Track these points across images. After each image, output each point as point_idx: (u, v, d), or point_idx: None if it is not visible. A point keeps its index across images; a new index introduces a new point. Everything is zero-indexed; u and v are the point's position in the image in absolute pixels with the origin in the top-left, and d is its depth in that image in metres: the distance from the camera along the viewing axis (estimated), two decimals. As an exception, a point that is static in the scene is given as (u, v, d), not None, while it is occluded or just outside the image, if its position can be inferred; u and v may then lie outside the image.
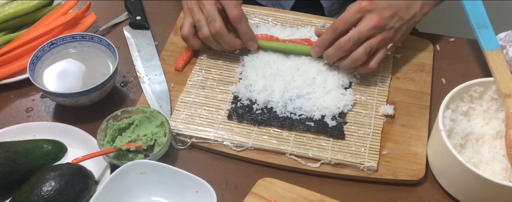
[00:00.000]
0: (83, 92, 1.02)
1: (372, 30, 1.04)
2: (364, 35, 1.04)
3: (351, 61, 1.06)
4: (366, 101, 1.09)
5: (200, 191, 0.92)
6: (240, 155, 1.02)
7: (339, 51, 1.06)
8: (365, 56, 1.06)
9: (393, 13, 1.06)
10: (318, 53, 1.10)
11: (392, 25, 1.07)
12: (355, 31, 1.04)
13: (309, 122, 1.04)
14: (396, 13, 1.07)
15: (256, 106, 1.07)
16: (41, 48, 1.08)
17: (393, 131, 1.05)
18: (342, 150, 1.02)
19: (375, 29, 1.04)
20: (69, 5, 1.21)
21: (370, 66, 1.08)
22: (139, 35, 1.22)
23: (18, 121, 1.07)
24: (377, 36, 1.05)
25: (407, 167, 1.00)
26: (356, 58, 1.06)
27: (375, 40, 1.05)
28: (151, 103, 1.08)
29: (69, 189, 0.91)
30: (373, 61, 1.08)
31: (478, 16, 1.12)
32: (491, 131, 0.99)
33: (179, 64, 1.14)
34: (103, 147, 0.99)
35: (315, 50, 1.10)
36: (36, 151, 0.98)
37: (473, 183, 0.92)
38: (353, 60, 1.06)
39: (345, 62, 1.07)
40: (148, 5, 1.28)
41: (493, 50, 1.06)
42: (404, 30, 1.10)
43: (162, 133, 1.01)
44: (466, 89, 1.01)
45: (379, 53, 1.08)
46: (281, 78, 1.10)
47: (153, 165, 0.95)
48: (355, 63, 1.07)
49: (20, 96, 1.12)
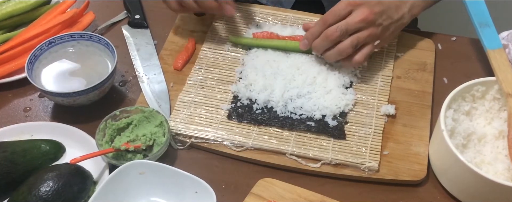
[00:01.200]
0: (81, 91, 1.02)
1: (360, 23, 1.05)
2: (352, 27, 1.05)
3: (336, 51, 1.06)
4: (367, 101, 1.09)
5: (199, 191, 0.92)
6: (240, 155, 1.02)
7: (326, 41, 1.06)
8: (351, 48, 1.06)
9: (382, 10, 1.07)
10: (307, 45, 1.10)
11: (381, 22, 1.07)
12: (344, 22, 1.05)
13: (310, 122, 1.04)
14: (386, 10, 1.07)
15: (256, 106, 1.06)
16: (39, 47, 1.08)
17: (395, 131, 1.05)
18: (343, 150, 1.02)
19: (364, 22, 1.05)
20: (67, 4, 1.21)
21: (355, 60, 1.07)
22: (138, 34, 1.21)
23: (16, 121, 1.07)
24: (365, 30, 1.06)
25: (408, 167, 1.00)
26: (342, 49, 1.06)
27: (363, 34, 1.06)
28: (150, 103, 1.08)
29: (67, 189, 0.91)
30: (358, 55, 1.07)
31: (480, 14, 1.12)
32: (494, 131, 0.99)
33: (178, 63, 1.14)
34: (102, 147, 0.99)
35: (304, 43, 1.10)
36: (34, 151, 0.98)
37: (475, 183, 0.92)
38: (338, 51, 1.06)
39: (331, 52, 1.07)
40: (147, 3, 1.28)
41: (495, 49, 1.06)
42: (392, 29, 1.10)
43: (161, 133, 1.00)
44: (468, 89, 1.01)
45: (365, 48, 1.07)
46: (281, 78, 1.09)
47: (152, 165, 0.94)
48: (340, 55, 1.07)
49: (18, 96, 1.12)
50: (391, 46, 1.17)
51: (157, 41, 1.20)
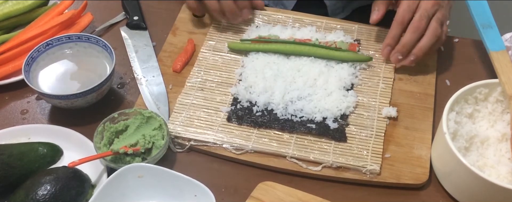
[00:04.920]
0: (79, 93, 1.01)
1: (435, 6, 1.09)
2: (431, 11, 1.08)
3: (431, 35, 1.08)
4: (368, 103, 1.08)
5: (198, 195, 0.91)
6: (240, 158, 1.01)
7: (417, 32, 1.08)
8: (439, 28, 1.09)
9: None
10: (390, 51, 1.11)
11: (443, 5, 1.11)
12: (422, 10, 1.08)
13: (310, 124, 1.03)
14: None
15: (256, 108, 1.06)
16: (37, 49, 1.08)
17: (396, 133, 1.05)
18: (344, 153, 1.01)
19: (437, 5, 1.09)
20: (65, 5, 1.21)
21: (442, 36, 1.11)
22: (137, 35, 1.21)
23: (13, 124, 1.07)
24: (439, 11, 1.09)
25: (410, 171, 1.00)
26: (434, 31, 1.08)
27: (439, 14, 1.09)
28: (149, 105, 1.07)
29: (65, 193, 0.90)
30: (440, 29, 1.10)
31: (483, 16, 1.12)
32: (497, 134, 0.98)
33: (177, 65, 1.13)
34: (100, 150, 0.98)
35: (387, 50, 1.12)
36: (31, 154, 0.98)
37: (478, 187, 0.91)
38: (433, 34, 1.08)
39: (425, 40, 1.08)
40: (146, 5, 1.28)
41: (498, 51, 1.06)
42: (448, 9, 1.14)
43: (160, 136, 1.00)
44: (470, 91, 1.00)
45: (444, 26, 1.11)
46: (281, 80, 1.09)
47: (151, 169, 0.94)
48: (435, 36, 1.08)
49: (15, 98, 1.12)
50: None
51: (155, 43, 1.20)
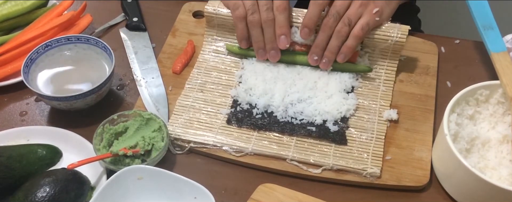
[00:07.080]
0: (78, 95, 1.01)
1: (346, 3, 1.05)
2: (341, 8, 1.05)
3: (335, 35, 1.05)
4: (369, 106, 1.08)
5: (198, 197, 0.91)
6: (240, 160, 1.01)
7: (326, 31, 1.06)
8: (345, 26, 1.05)
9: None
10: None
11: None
12: (331, 8, 1.06)
13: (311, 127, 1.03)
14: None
15: (256, 111, 1.06)
16: (36, 50, 1.08)
17: (397, 135, 1.04)
18: (344, 156, 1.01)
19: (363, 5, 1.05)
20: (64, 6, 1.21)
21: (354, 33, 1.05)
22: (136, 37, 1.21)
23: (12, 125, 1.06)
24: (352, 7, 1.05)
25: (411, 173, 0.99)
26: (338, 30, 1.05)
27: (351, 9, 1.05)
28: (148, 107, 1.07)
29: (64, 195, 0.90)
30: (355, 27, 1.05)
31: (484, 17, 1.11)
32: (498, 136, 0.98)
33: (177, 67, 1.13)
34: (99, 152, 0.98)
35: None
36: (30, 156, 0.97)
37: (479, 189, 0.91)
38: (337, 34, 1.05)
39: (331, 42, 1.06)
40: (145, 6, 1.27)
41: (499, 52, 1.06)
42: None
43: (160, 138, 1.00)
44: (471, 93, 1.00)
45: (362, 18, 1.06)
46: (281, 82, 1.08)
47: (151, 171, 0.94)
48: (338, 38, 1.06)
49: (14, 100, 1.11)
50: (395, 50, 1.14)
51: (155, 44, 1.20)
